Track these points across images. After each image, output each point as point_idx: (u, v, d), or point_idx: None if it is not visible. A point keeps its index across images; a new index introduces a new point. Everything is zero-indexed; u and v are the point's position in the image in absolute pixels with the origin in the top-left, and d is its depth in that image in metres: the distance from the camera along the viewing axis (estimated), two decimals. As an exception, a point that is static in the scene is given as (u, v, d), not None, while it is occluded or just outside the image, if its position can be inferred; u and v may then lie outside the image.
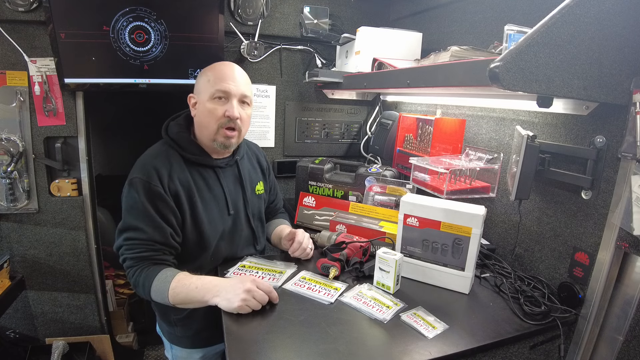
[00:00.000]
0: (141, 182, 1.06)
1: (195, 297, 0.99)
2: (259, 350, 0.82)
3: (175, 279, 1.01)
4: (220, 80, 1.10)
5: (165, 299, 1.01)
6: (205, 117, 1.11)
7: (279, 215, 1.48)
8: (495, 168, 1.31)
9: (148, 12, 1.59)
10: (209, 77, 1.12)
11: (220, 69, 1.14)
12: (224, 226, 1.19)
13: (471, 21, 1.50)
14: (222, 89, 1.10)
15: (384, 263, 1.07)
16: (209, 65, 1.17)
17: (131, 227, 1.05)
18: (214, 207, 1.17)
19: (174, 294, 1.00)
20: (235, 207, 1.22)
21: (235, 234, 1.22)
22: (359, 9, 2.05)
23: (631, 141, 0.87)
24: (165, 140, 1.16)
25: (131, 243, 1.05)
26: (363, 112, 2.21)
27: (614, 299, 0.98)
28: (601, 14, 0.77)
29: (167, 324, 1.24)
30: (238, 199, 1.23)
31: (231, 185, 1.22)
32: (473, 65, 0.88)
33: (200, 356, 1.26)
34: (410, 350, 0.84)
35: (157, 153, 1.13)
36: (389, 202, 1.53)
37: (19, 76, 1.60)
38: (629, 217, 0.88)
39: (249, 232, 1.27)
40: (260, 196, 1.32)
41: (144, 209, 1.05)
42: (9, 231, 1.70)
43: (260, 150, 1.41)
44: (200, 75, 1.16)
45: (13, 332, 1.78)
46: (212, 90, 1.10)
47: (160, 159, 1.11)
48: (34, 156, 1.67)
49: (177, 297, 1.00)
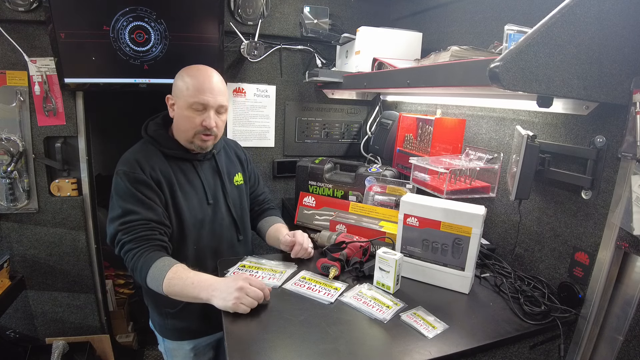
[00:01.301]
0: (125, 173, 1.11)
1: (190, 292, 1.00)
2: (259, 350, 0.82)
3: (172, 270, 1.03)
4: (198, 92, 1.12)
5: (160, 287, 1.02)
6: (183, 124, 1.16)
7: (270, 211, 1.48)
8: (495, 168, 1.31)
9: (148, 12, 1.59)
10: (187, 84, 1.13)
11: (198, 78, 1.14)
12: (203, 215, 1.22)
13: (471, 21, 1.50)
14: (200, 101, 1.12)
15: (384, 263, 1.07)
16: (187, 67, 1.18)
17: (124, 211, 1.08)
18: (194, 197, 1.21)
19: (169, 284, 1.01)
20: (215, 197, 1.26)
21: (215, 223, 1.26)
22: (359, 9, 2.05)
23: (631, 141, 0.87)
24: (145, 139, 1.21)
25: (127, 226, 1.07)
26: (363, 112, 2.21)
27: (614, 299, 0.98)
28: (601, 14, 0.77)
29: (158, 316, 1.27)
30: (217, 189, 1.28)
31: (209, 177, 1.27)
32: (473, 65, 0.88)
33: (190, 347, 1.28)
34: (410, 350, 0.84)
35: (138, 149, 1.19)
36: (389, 202, 1.53)
37: (19, 76, 1.60)
38: (629, 217, 0.88)
39: (229, 220, 1.30)
40: (239, 187, 1.36)
41: (133, 194, 1.09)
42: (9, 231, 1.71)
43: (237, 144, 1.47)
44: (179, 78, 1.17)
45: (13, 331, 1.78)
46: (191, 100, 1.12)
47: (142, 153, 1.17)
48: (34, 156, 1.67)
49: (171, 288, 1.01)
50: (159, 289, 1.03)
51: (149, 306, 1.31)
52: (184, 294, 1.01)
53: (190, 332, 1.27)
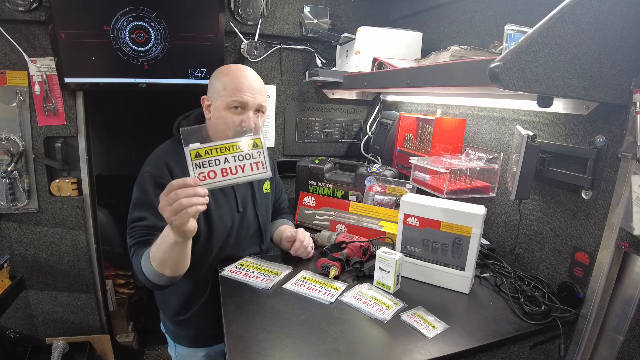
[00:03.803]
0: (151, 175, 1.07)
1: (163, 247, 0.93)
2: (259, 350, 0.82)
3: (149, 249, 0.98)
4: (237, 90, 1.07)
5: (153, 270, 0.97)
6: (221, 125, 1.10)
7: (284, 215, 1.48)
8: (495, 168, 1.31)
9: (148, 11, 1.59)
10: (225, 84, 1.09)
11: (237, 76, 1.10)
12: (232, 223, 1.19)
13: (471, 21, 1.50)
14: (240, 100, 1.07)
15: (384, 263, 1.07)
16: (224, 66, 1.15)
17: (134, 217, 1.06)
18: (224, 204, 1.18)
19: (153, 258, 0.96)
20: (244, 205, 1.23)
21: (241, 232, 1.23)
22: (359, 9, 2.05)
23: (631, 141, 0.87)
24: (177, 138, 1.16)
25: (133, 231, 1.05)
26: (363, 112, 2.21)
27: (614, 299, 0.98)
28: (601, 14, 0.77)
29: (171, 323, 1.25)
30: (247, 197, 1.24)
31: (241, 184, 1.22)
32: (473, 65, 0.88)
33: (203, 354, 1.26)
34: (410, 350, 0.84)
35: (169, 148, 1.14)
36: (389, 201, 1.53)
37: (19, 76, 1.60)
38: (629, 217, 0.88)
39: (255, 230, 1.27)
40: (267, 195, 1.33)
41: (150, 200, 1.05)
42: (9, 231, 1.70)
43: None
44: (215, 78, 1.13)
45: (13, 331, 1.78)
46: (229, 100, 1.08)
47: (172, 153, 1.12)
48: (34, 156, 1.67)
49: (156, 260, 0.96)
50: (156, 273, 0.97)
51: (161, 311, 1.28)
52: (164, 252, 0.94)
53: (204, 339, 1.24)
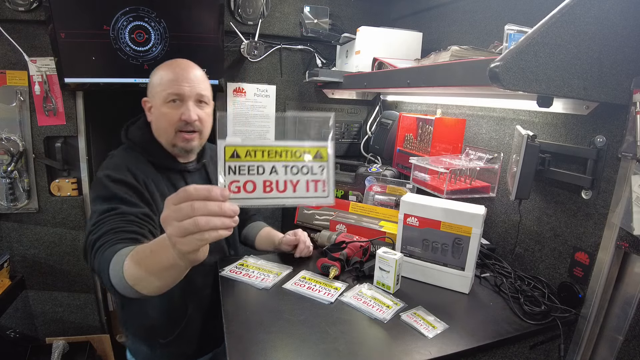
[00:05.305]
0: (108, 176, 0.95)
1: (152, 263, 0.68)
2: (259, 350, 0.82)
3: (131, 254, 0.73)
4: (172, 82, 1.01)
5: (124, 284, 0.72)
6: (162, 123, 1.04)
7: (254, 218, 1.43)
8: (495, 168, 1.31)
9: (148, 11, 1.59)
10: (160, 78, 1.03)
11: (171, 68, 1.04)
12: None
13: (471, 21, 1.50)
14: (175, 91, 1.01)
15: (384, 263, 1.07)
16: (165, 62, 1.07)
17: (103, 209, 0.90)
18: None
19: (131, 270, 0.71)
20: None
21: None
22: (359, 9, 2.05)
23: (631, 141, 0.87)
24: (128, 145, 1.08)
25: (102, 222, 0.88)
26: (363, 112, 2.21)
27: (614, 299, 0.98)
28: (601, 14, 0.77)
29: (146, 347, 1.11)
30: None
31: None
32: (473, 65, 0.88)
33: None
34: (410, 350, 0.84)
35: (126, 156, 1.05)
36: (389, 201, 1.53)
37: (19, 76, 1.60)
38: (629, 217, 0.88)
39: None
40: None
41: (115, 194, 0.92)
42: (9, 231, 1.70)
43: None
44: (152, 76, 1.07)
45: (13, 331, 1.78)
46: (165, 93, 1.01)
47: (131, 161, 1.03)
48: (34, 156, 1.67)
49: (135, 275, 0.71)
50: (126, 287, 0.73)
51: (128, 337, 1.12)
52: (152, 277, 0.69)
53: (185, 357, 1.14)
